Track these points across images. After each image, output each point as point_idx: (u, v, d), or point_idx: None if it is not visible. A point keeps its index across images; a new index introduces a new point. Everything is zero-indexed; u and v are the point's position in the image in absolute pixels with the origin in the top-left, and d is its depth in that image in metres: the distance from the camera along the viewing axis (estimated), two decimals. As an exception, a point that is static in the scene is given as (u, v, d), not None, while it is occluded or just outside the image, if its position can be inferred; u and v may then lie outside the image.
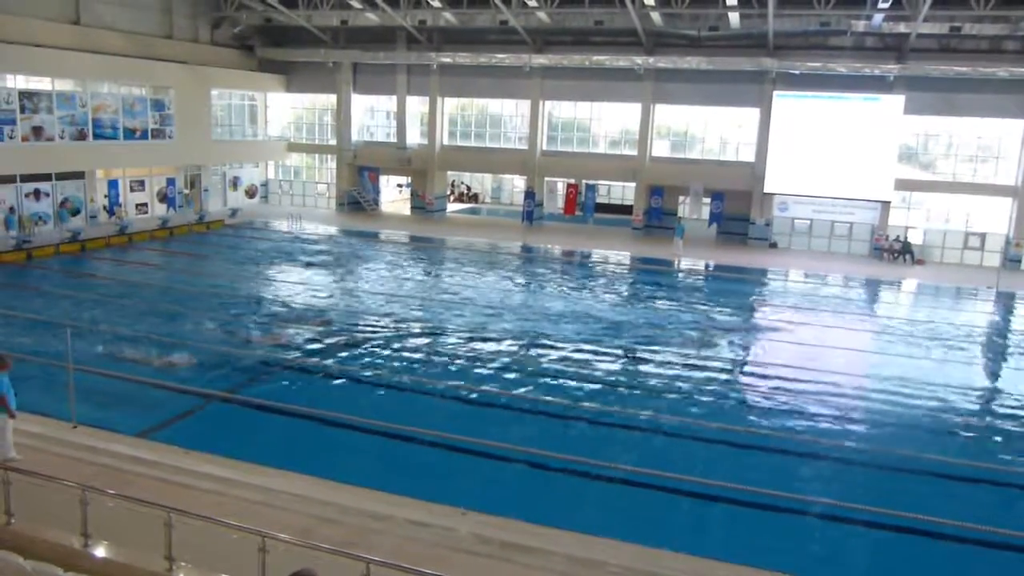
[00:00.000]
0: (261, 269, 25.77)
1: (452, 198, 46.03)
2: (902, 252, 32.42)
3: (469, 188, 49.29)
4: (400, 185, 45.40)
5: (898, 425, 13.80)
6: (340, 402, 13.55)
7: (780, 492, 10.60)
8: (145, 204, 33.50)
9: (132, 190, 32.92)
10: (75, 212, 29.88)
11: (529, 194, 38.06)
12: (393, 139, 39.76)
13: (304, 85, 40.68)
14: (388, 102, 39.94)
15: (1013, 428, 13.97)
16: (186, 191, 35.43)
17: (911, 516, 10.00)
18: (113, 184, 31.81)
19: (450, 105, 39.55)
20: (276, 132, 41.43)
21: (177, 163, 34.62)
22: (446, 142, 39.43)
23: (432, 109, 38.51)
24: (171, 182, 34.42)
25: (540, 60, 35.42)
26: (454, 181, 47.36)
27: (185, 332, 17.28)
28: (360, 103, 40.30)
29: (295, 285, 23.44)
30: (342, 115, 39.64)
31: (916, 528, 9.90)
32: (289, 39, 38.87)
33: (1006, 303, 26.15)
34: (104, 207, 31.25)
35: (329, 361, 15.68)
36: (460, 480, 10.87)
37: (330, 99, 40.40)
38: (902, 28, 29.69)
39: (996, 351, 20.20)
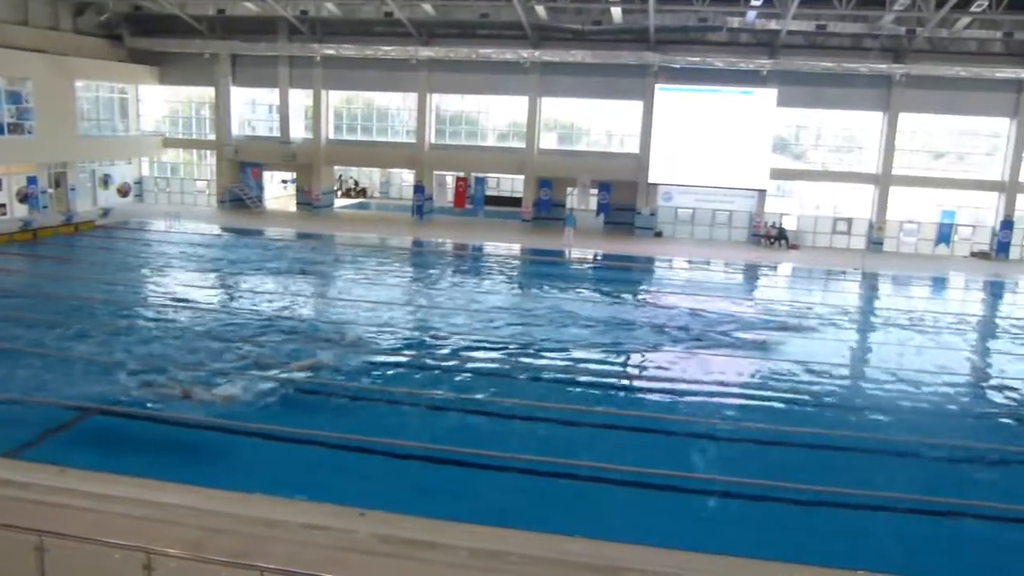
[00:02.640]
0: (135, 272, 24.48)
1: (339, 193, 45.13)
2: (778, 238, 34.08)
3: (357, 183, 48.45)
4: (285, 181, 44.08)
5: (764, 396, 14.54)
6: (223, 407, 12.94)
7: (672, 472, 10.88)
8: (3, 205, 31.12)
9: (-12, 190, 30.51)
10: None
11: (418, 188, 37.75)
12: (276, 133, 38.53)
13: (179, 77, 38.83)
14: (270, 95, 38.66)
15: (867, 397, 14.87)
16: (50, 190, 33.20)
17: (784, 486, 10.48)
18: (-36, 184, 29.30)
19: (335, 98, 38.70)
20: (150, 127, 39.39)
21: (39, 160, 32.30)
22: (332, 136, 38.58)
23: (316, 102, 37.59)
24: (32, 181, 32.06)
25: (426, 53, 35.14)
26: (341, 176, 46.45)
27: (50, 341, 16.19)
28: (240, 96, 38.86)
29: (169, 287, 22.34)
30: (221, 109, 38.14)
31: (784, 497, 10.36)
32: (161, 28, 36.97)
33: (870, 283, 27.89)
34: (-44, 209, 28.79)
35: (210, 364, 14.98)
36: (357, 480, 10.65)
37: (208, 92, 38.79)
38: (773, 25, 31.10)
39: (857, 326, 21.37)
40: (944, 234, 33.71)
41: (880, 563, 8.29)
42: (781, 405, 14.21)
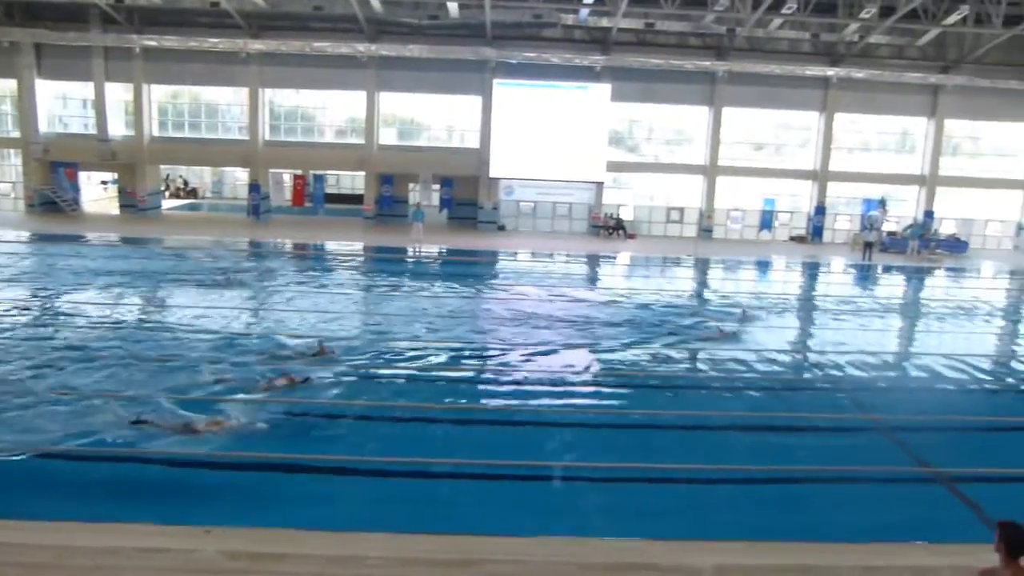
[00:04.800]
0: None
1: (167, 194, 42.61)
2: (616, 228, 35.40)
3: (186, 183, 45.93)
4: (105, 182, 41.13)
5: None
6: (32, 428, 11.62)
7: (522, 461, 10.91)
8: None
9: None
10: None
11: (254, 187, 36.24)
12: (93, 131, 35.76)
13: (-28, 68, 35.26)
14: (84, 89, 35.79)
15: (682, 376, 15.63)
16: None
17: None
18: None
19: (159, 93, 36.40)
20: (-63, 123, 35.58)
21: None
22: (156, 133, 36.27)
23: (137, 97, 35.15)
24: None
25: (257, 46, 33.70)
26: (168, 176, 43.86)
27: None
28: (48, 89, 35.70)
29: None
30: (25, 104, 34.84)
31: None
32: (-51, 14, 33.42)
33: (701, 268, 29.46)
34: None
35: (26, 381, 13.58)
36: (199, 497, 9.95)
37: (8, 84, 35.35)
38: (605, 23, 32.22)
39: (690, 310, 22.37)
40: (766, 220, 36.23)
41: (729, 530, 8.67)
42: (628, 390, 14.62)
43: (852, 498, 10.14)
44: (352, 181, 41.60)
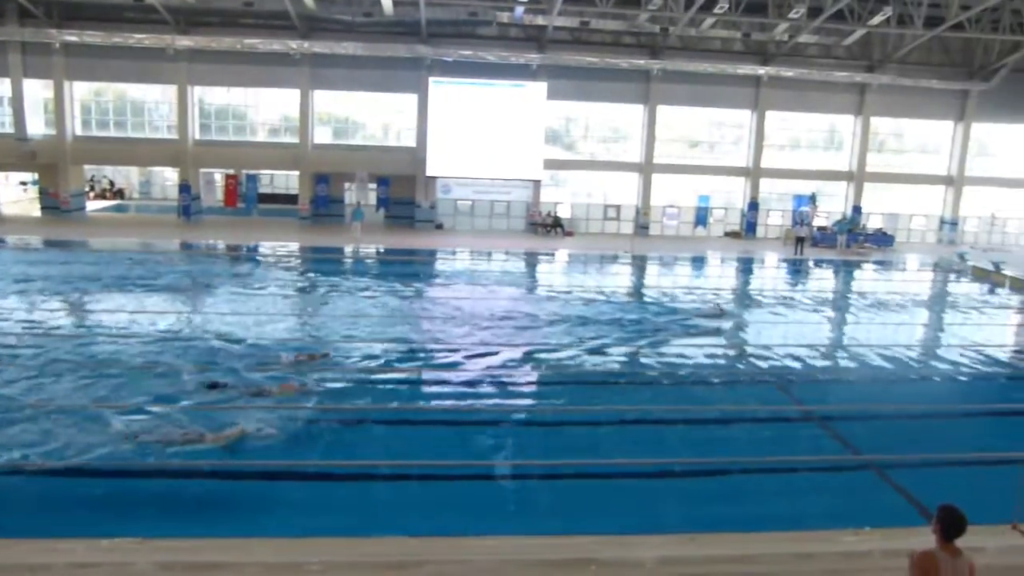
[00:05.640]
0: None
1: (92, 195, 41.18)
2: (554, 226, 35.56)
3: (112, 183, 44.47)
4: (24, 183, 39.55)
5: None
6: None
7: (469, 461, 10.83)
8: None
9: None
10: None
11: (184, 187, 35.26)
12: (10, 130, 34.29)
13: None
14: (1, 86, 34.33)
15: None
16: None
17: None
18: None
19: (82, 90, 35.11)
20: None
21: None
22: (79, 132, 34.98)
23: (58, 95, 33.83)
24: None
25: (185, 42, 32.77)
26: (93, 176, 42.40)
27: None
28: (-39, 87, 34.21)
29: None
30: (-63, 101, 33.37)
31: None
32: None
33: (639, 264, 29.78)
34: None
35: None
36: (134, 507, 9.59)
37: (-82, 82, 33.79)
38: (540, 21, 32.26)
39: (629, 305, 22.57)
40: (701, 217, 36.84)
41: (663, 522, 8.73)
42: (566, 386, 14.64)
43: (787, 487, 10.35)
44: (286, 180, 40.84)
